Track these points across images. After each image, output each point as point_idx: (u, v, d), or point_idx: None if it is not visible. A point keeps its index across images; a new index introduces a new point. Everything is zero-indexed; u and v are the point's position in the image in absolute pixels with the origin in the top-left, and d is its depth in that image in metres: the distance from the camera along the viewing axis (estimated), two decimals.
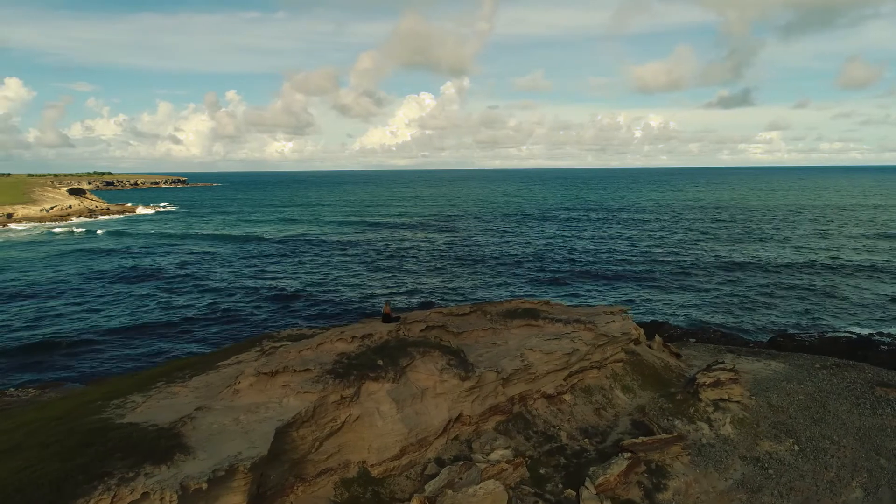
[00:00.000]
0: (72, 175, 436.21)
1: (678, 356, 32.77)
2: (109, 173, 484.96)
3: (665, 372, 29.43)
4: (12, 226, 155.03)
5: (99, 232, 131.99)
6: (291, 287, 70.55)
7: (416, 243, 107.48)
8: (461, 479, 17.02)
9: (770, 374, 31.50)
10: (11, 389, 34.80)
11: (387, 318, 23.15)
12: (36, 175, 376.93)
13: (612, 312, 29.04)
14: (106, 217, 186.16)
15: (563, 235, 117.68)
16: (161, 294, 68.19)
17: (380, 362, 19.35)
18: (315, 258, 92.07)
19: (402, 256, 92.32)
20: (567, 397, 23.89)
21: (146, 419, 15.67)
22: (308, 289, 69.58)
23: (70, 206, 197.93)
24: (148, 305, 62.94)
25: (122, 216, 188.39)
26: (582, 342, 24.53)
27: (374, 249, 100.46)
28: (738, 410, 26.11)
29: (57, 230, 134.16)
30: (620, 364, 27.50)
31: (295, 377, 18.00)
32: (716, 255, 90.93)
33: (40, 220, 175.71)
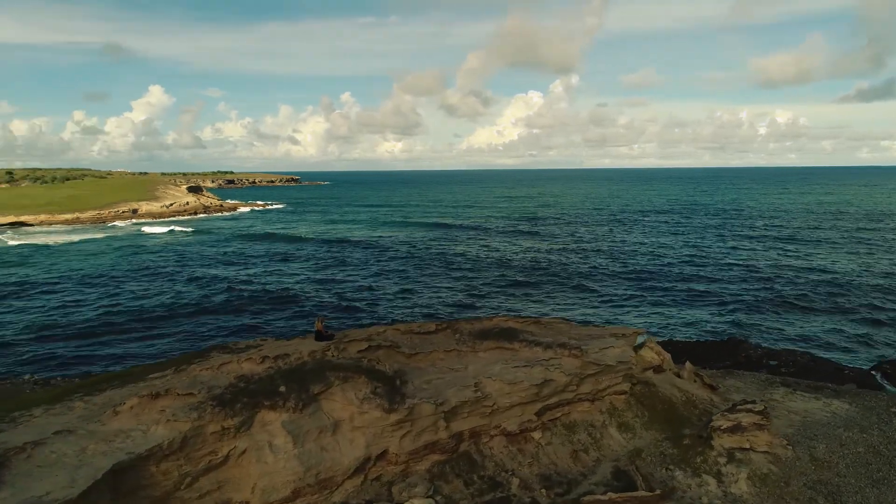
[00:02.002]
0: (199, 174, 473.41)
1: (713, 388, 27.89)
2: (231, 172, 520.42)
3: (686, 408, 24.91)
4: (118, 223, 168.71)
5: (181, 229, 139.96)
6: (339, 291, 69.69)
7: (488, 248, 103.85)
8: None
9: (826, 417, 25.94)
10: (27, 377, 36.14)
11: (319, 336, 20.88)
12: (168, 174, 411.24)
13: (619, 335, 24.97)
14: (216, 213, 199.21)
15: (654, 242, 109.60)
16: (202, 291, 70.38)
17: (282, 388, 17.11)
18: (380, 262, 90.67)
19: (470, 262, 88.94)
20: (536, 435, 20.43)
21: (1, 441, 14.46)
22: (356, 294, 68.37)
23: (187, 203, 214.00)
24: (183, 300, 65.56)
25: (228, 213, 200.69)
26: (560, 371, 20.94)
27: (446, 253, 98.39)
28: (763, 463, 21.31)
29: (147, 230, 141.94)
30: (623, 397, 23.46)
31: (176, 402, 16.19)
32: (830, 267, 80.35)
33: (160, 215, 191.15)
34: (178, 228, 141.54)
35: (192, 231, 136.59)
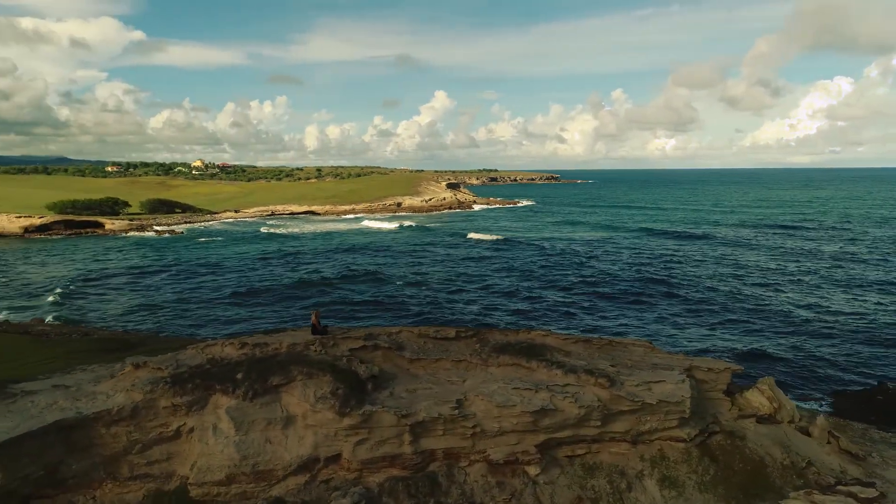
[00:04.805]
0: (466, 171, 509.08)
1: (855, 456, 20.71)
2: (496, 170, 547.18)
3: (782, 475, 18.97)
4: (369, 217, 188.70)
5: (408, 224, 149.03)
6: (478, 297, 65.75)
7: (705, 263, 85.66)
8: None
9: None
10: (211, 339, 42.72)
11: (314, 330, 20.68)
12: (441, 171, 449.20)
13: (704, 368, 20.09)
14: (468, 209, 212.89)
15: None
16: (363, 280, 74.05)
17: (238, 375, 17.46)
18: (559, 272, 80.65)
19: (669, 280, 72.67)
20: (532, 470, 17.55)
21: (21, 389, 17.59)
22: (497, 299, 63.98)
23: (443, 199, 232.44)
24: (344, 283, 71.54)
25: (476, 209, 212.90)
26: (569, 401, 17.65)
27: (649, 268, 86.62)
28: None
29: (372, 225, 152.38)
30: (681, 445, 18.85)
31: (147, 374, 17.68)
32: None
33: (419, 209, 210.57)
34: (405, 223, 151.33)
35: (416, 226, 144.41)
